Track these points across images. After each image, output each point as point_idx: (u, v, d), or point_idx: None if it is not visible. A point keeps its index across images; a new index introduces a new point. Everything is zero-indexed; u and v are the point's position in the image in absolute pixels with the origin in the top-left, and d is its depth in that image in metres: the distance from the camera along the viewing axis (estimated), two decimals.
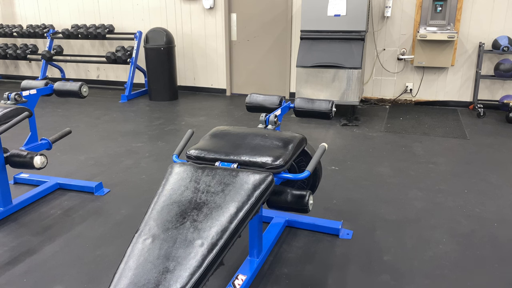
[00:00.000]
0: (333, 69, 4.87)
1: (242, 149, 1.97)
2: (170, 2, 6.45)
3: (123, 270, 1.53)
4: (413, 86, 5.73)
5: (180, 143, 2.19)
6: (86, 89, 3.15)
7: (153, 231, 1.64)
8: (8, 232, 2.66)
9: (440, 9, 5.24)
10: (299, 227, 2.67)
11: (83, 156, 3.96)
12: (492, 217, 2.79)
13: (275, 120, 2.36)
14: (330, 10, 4.88)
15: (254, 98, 2.74)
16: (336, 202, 3.02)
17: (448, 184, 3.29)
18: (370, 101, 5.88)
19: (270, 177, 1.77)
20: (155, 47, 6.00)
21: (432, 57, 5.36)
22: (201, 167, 1.86)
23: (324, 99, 2.59)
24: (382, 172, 3.53)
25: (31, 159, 2.64)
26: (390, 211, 2.88)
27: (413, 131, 4.63)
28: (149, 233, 1.64)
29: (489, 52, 5.18)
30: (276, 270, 2.26)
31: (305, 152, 2.47)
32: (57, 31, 6.98)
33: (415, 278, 2.19)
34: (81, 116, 5.41)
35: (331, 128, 4.77)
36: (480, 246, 2.47)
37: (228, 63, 6.50)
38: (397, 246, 2.47)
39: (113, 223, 2.77)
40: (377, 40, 5.66)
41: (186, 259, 1.50)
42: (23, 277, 2.23)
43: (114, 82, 7.20)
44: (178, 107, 5.88)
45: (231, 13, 6.30)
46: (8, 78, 7.99)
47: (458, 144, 4.24)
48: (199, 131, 4.61)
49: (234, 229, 1.60)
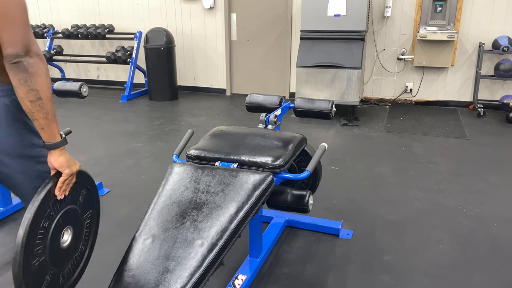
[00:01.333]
0: (333, 69, 4.87)
1: (242, 149, 1.97)
2: (170, 2, 6.45)
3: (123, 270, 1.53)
4: (413, 86, 5.73)
5: (180, 143, 2.19)
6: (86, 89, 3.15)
7: (153, 231, 1.64)
8: (8, 232, 2.66)
9: (440, 9, 5.24)
10: (299, 227, 2.67)
11: (83, 156, 3.96)
12: (492, 217, 2.79)
13: (275, 120, 2.36)
14: (330, 10, 4.88)
15: (254, 98, 2.74)
16: (336, 202, 3.02)
17: (448, 184, 3.29)
18: (370, 101, 5.89)
19: (270, 177, 1.77)
20: (155, 47, 6.00)
21: (432, 57, 5.36)
22: (201, 167, 1.86)
23: (324, 99, 2.59)
24: (382, 172, 3.54)
25: None
26: (390, 211, 2.88)
27: (413, 131, 4.63)
28: (149, 233, 1.64)
29: (489, 52, 5.18)
30: (276, 270, 2.26)
31: (305, 152, 2.47)
32: (57, 31, 6.99)
33: (415, 278, 2.19)
34: (81, 116, 5.41)
35: (331, 128, 4.77)
36: (480, 246, 2.47)
37: (228, 63, 6.50)
38: (397, 246, 2.47)
39: (113, 223, 2.76)
40: (377, 40, 5.66)
41: (186, 259, 1.50)
42: None
43: (114, 82, 7.20)
44: (178, 107, 5.88)
45: (231, 13, 6.30)
46: None
47: (458, 144, 4.24)
48: (199, 131, 4.61)
49: (234, 229, 1.60)
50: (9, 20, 1.12)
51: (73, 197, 1.43)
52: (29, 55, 1.17)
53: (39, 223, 1.29)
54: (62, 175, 1.32)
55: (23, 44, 1.15)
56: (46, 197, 1.29)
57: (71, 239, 1.45)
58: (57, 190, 1.32)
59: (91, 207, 1.55)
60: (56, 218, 1.36)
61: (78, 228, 1.48)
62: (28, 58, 1.16)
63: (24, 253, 1.27)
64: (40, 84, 1.19)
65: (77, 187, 1.44)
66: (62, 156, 1.31)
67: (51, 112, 1.24)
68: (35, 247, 1.30)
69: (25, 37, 1.16)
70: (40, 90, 1.19)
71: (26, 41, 1.16)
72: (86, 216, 1.53)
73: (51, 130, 1.26)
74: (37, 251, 1.30)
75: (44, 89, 1.20)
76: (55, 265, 1.40)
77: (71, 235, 1.45)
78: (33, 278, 1.32)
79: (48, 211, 1.32)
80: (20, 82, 1.17)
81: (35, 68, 1.17)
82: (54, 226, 1.35)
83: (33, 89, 1.18)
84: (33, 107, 1.20)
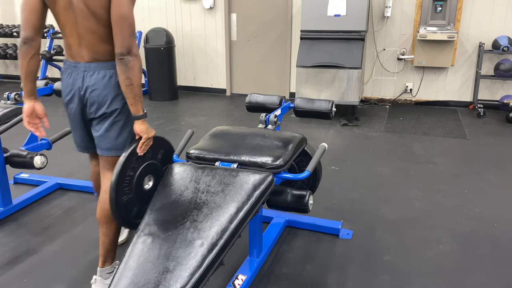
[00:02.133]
0: (333, 69, 4.87)
1: (242, 149, 1.97)
2: (170, 2, 6.45)
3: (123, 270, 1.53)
4: (413, 86, 5.73)
5: (180, 143, 2.19)
6: None
7: (153, 231, 1.64)
8: (8, 232, 2.66)
9: (440, 9, 5.24)
10: (299, 227, 2.67)
11: (83, 156, 3.95)
12: (492, 217, 2.79)
13: (275, 120, 2.36)
14: (330, 10, 4.88)
15: (254, 98, 2.73)
16: (336, 202, 3.02)
17: (448, 184, 3.29)
18: (370, 101, 5.89)
19: (270, 177, 1.77)
20: (155, 47, 6.00)
21: (432, 57, 5.36)
22: (201, 167, 1.86)
23: (324, 99, 2.58)
24: (382, 172, 3.54)
25: (31, 159, 2.64)
26: (390, 211, 2.88)
27: (413, 131, 4.63)
28: (149, 233, 1.64)
29: (489, 52, 5.18)
30: (276, 270, 2.26)
31: (305, 152, 2.47)
32: (57, 31, 6.98)
33: (415, 278, 2.19)
34: None
35: (331, 128, 4.77)
36: (480, 246, 2.47)
37: (228, 63, 6.50)
38: (397, 246, 2.47)
39: None
40: (377, 40, 5.66)
41: (186, 259, 1.50)
42: (23, 277, 2.23)
43: None
44: (178, 107, 5.88)
45: (231, 13, 6.30)
46: (8, 78, 8.00)
47: (458, 144, 4.24)
48: (199, 131, 4.60)
49: (234, 229, 1.60)
50: (121, 32, 1.74)
51: (153, 155, 2.00)
52: (129, 54, 1.74)
53: (125, 171, 1.85)
54: (142, 138, 1.87)
55: (127, 48, 1.74)
56: (130, 154, 1.85)
57: (152, 184, 2.00)
58: (138, 149, 1.88)
59: (167, 163, 2.09)
60: (139, 169, 1.92)
61: (158, 177, 2.03)
62: (128, 56, 1.74)
63: (116, 191, 1.80)
64: (133, 75, 1.76)
65: (156, 148, 2.02)
66: (142, 125, 1.85)
67: (138, 95, 1.80)
68: (123, 188, 1.85)
69: (129, 43, 1.74)
70: (133, 79, 1.76)
71: (129, 46, 1.74)
72: (164, 169, 2.07)
73: (137, 106, 1.82)
74: (125, 191, 1.87)
75: (136, 79, 1.77)
76: (140, 201, 1.94)
77: (152, 181, 2.01)
78: (124, 209, 1.87)
79: (132, 164, 1.88)
80: (121, 71, 1.75)
81: (131, 64, 1.75)
82: (137, 174, 1.91)
83: (128, 77, 1.75)
84: (126, 89, 1.78)
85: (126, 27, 1.74)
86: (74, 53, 1.86)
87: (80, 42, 1.83)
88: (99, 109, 1.87)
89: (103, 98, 1.85)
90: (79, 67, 1.85)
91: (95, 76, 1.83)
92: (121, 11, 1.73)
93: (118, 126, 1.91)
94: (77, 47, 1.84)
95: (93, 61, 1.84)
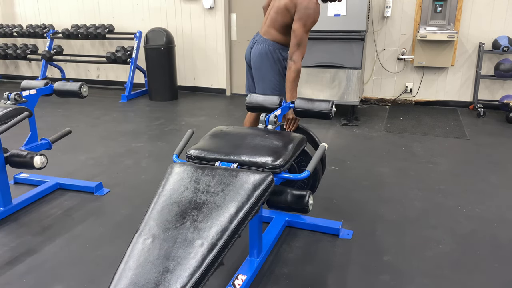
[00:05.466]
0: (333, 69, 4.87)
1: (242, 149, 1.97)
2: (170, 2, 6.45)
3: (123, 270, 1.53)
4: (413, 86, 5.73)
5: (180, 143, 2.19)
6: (86, 89, 3.15)
7: (153, 231, 1.64)
8: (8, 232, 2.66)
9: (440, 9, 5.23)
10: (299, 227, 2.67)
11: (83, 156, 3.96)
12: (492, 217, 2.79)
13: (275, 120, 2.36)
14: (330, 10, 4.88)
15: (254, 98, 2.73)
16: (336, 202, 3.02)
17: (448, 184, 3.29)
18: (370, 101, 5.89)
19: (270, 177, 1.77)
20: (155, 47, 6.00)
21: (432, 57, 5.36)
22: (201, 167, 1.86)
23: (324, 99, 2.58)
24: (382, 172, 3.54)
25: (31, 159, 2.64)
26: (390, 211, 2.88)
27: (413, 131, 4.63)
28: (149, 233, 1.64)
29: (489, 52, 5.18)
30: (276, 270, 2.26)
31: (305, 152, 2.47)
32: (57, 31, 6.99)
33: (415, 278, 2.19)
34: (81, 116, 5.41)
35: (331, 128, 4.77)
36: (480, 246, 2.47)
37: (228, 63, 6.50)
38: (397, 246, 2.48)
39: (113, 223, 2.77)
40: (377, 40, 5.66)
41: (186, 259, 1.50)
42: (23, 277, 2.23)
43: (114, 82, 7.20)
44: (178, 107, 5.88)
45: (231, 13, 6.30)
46: (8, 78, 8.00)
47: (458, 144, 4.24)
48: (199, 131, 4.60)
49: (234, 229, 1.60)
50: (296, 43, 2.70)
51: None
52: (292, 59, 2.69)
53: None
54: (288, 119, 2.69)
55: (293, 53, 2.69)
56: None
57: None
58: (286, 126, 2.72)
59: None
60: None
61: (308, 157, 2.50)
62: (290, 60, 2.70)
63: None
64: (289, 74, 2.72)
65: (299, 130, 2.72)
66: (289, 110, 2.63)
67: (291, 88, 2.71)
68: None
69: (296, 51, 2.68)
70: (288, 77, 2.73)
71: (295, 52, 2.69)
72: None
73: (290, 95, 2.72)
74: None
75: (290, 78, 2.71)
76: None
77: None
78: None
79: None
80: (287, 68, 2.75)
81: (290, 65, 2.71)
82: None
83: (288, 74, 2.73)
84: (287, 81, 2.75)
85: (301, 41, 2.70)
86: None
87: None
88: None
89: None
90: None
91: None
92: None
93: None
94: None
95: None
